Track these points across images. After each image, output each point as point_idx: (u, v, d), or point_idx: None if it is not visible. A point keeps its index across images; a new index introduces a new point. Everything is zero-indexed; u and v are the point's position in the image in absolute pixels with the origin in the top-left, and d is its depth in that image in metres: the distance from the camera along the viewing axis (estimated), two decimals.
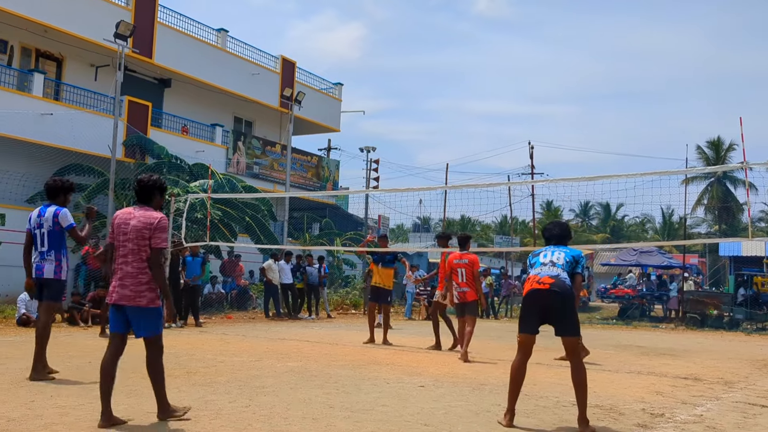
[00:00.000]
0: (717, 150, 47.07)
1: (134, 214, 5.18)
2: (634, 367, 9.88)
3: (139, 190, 5.30)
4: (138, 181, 5.34)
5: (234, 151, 26.12)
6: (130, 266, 5.08)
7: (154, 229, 5.09)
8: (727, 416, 6.23)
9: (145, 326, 5.12)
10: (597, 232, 60.45)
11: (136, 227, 5.10)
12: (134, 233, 5.09)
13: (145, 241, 5.08)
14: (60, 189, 7.32)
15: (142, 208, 5.23)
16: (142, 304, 5.05)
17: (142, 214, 5.16)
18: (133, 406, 5.63)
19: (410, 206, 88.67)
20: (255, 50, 28.02)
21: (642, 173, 10.74)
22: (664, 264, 27.99)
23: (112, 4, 21.78)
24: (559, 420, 5.74)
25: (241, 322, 16.95)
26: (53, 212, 7.14)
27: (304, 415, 5.48)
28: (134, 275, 5.07)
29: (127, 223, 5.15)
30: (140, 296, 5.05)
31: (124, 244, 5.13)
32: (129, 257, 5.09)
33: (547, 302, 5.45)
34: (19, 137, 18.51)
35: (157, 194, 5.34)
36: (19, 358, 8.37)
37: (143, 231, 5.08)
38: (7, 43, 20.62)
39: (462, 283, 10.27)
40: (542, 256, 5.74)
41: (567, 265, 5.61)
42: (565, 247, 5.87)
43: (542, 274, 5.56)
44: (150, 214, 5.17)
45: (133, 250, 5.09)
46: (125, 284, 5.07)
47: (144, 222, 5.10)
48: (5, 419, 4.99)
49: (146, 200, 5.29)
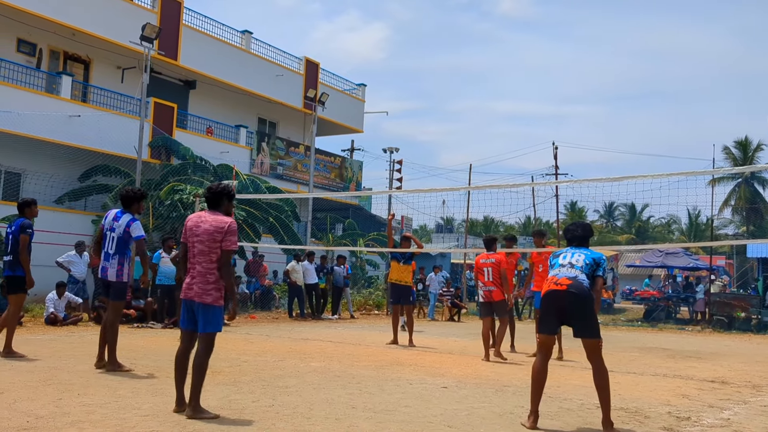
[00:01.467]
0: (745, 150, 46.38)
1: (206, 218, 5.54)
2: (660, 370, 9.78)
3: (209, 197, 5.68)
4: (208, 188, 5.74)
5: (258, 152, 26.28)
6: (200, 266, 5.44)
7: (225, 233, 5.44)
8: (754, 420, 6.15)
9: (205, 322, 5.39)
10: (622, 233, 59.90)
11: (207, 230, 5.46)
12: (205, 236, 5.45)
13: (215, 244, 5.43)
14: (133, 198, 7.94)
15: (213, 213, 5.60)
16: (207, 302, 5.37)
17: (214, 218, 5.53)
18: (158, 404, 5.69)
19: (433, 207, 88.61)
20: (279, 52, 28.17)
21: (668, 174, 10.61)
22: (691, 266, 27.64)
23: (139, 7, 22.04)
24: (583, 422, 5.70)
25: (264, 322, 17.04)
26: (127, 221, 7.76)
27: (326, 415, 5.50)
28: (203, 274, 5.42)
29: (198, 225, 5.51)
30: (206, 294, 5.38)
31: (195, 245, 5.49)
32: (199, 257, 5.46)
33: (564, 303, 5.49)
34: (48, 138, 18.80)
35: (226, 200, 5.71)
36: (47, 356, 8.49)
37: (214, 234, 5.44)
38: (36, 45, 20.95)
39: (488, 282, 10.19)
40: (562, 258, 5.76)
41: (587, 267, 5.61)
42: (586, 249, 5.86)
43: (560, 275, 5.59)
44: (221, 218, 5.53)
45: (203, 251, 5.45)
46: (195, 282, 5.43)
47: (215, 226, 5.46)
48: (34, 416, 5.07)
49: (216, 206, 5.67)
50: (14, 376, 6.91)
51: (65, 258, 14.68)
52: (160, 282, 14.29)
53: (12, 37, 20.29)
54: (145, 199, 8.25)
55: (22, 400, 5.65)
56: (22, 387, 6.27)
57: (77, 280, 14.68)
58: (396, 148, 34.82)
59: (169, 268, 14.41)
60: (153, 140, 21.20)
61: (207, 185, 19.47)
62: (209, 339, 5.40)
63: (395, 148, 34.84)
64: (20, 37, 20.48)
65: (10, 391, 6.06)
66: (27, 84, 19.36)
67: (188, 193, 18.53)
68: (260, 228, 21.04)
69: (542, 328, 5.66)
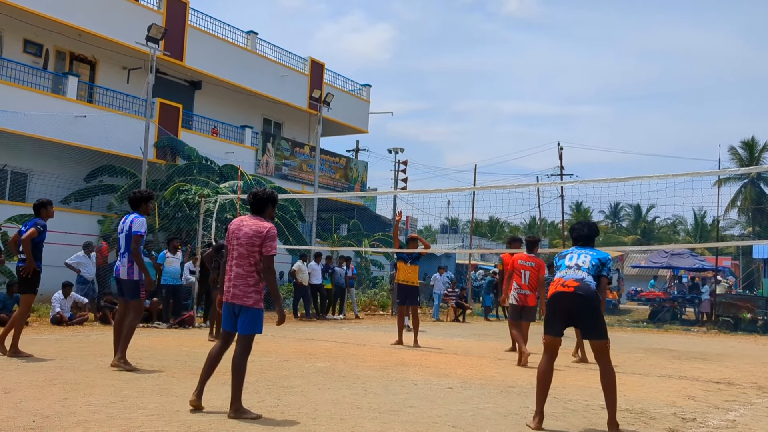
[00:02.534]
0: (751, 150, 46.21)
1: (247, 222, 5.61)
2: (666, 371, 9.75)
3: (253, 202, 5.70)
4: (253, 194, 5.74)
5: (263, 153, 26.31)
6: (240, 268, 5.52)
7: (264, 238, 5.49)
8: (761, 421, 6.12)
9: (245, 324, 5.49)
10: (627, 233, 59.81)
11: (247, 234, 5.52)
12: (245, 239, 5.51)
13: (254, 248, 5.49)
14: (140, 199, 8.11)
15: (254, 218, 5.64)
16: (248, 304, 5.46)
17: (254, 222, 5.58)
18: (163, 404, 5.70)
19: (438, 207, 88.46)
20: (284, 52, 28.21)
21: (674, 174, 10.58)
22: (696, 266, 27.57)
23: (144, 8, 22.09)
24: (588, 423, 5.69)
25: (269, 322, 17.05)
26: (132, 218, 7.95)
27: (331, 416, 5.50)
28: (243, 277, 5.50)
29: (240, 229, 5.58)
30: (247, 296, 5.47)
31: (236, 248, 5.56)
32: (239, 261, 5.53)
33: (571, 305, 5.48)
34: (54, 139, 18.85)
35: (269, 206, 5.73)
36: (53, 356, 8.52)
37: (253, 238, 5.49)
38: (42, 46, 21.02)
39: (524, 285, 9.94)
40: (568, 259, 5.72)
41: (593, 268, 5.60)
42: (592, 249, 5.83)
43: (567, 277, 5.57)
44: (261, 223, 5.57)
45: (243, 254, 5.51)
46: (236, 284, 5.51)
47: (255, 230, 5.51)
48: (40, 416, 5.08)
49: (259, 211, 5.70)
50: (20, 375, 6.93)
51: (74, 259, 14.71)
52: (165, 282, 14.32)
53: (18, 38, 20.36)
54: (153, 200, 8.42)
55: (28, 400, 5.67)
56: (28, 386, 6.29)
57: (86, 280, 14.73)
58: (401, 149, 34.85)
59: (174, 269, 14.44)
60: (158, 141, 21.25)
61: (212, 185, 19.59)
62: (248, 341, 5.49)
63: (400, 148, 34.86)
64: (26, 38, 20.55)
65: (16, 390, 6.07)
66: (33, 84, 19.43)
67: (193, 193, 18.57)
68: None
69: (548, 329, 5.64)
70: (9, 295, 13.57)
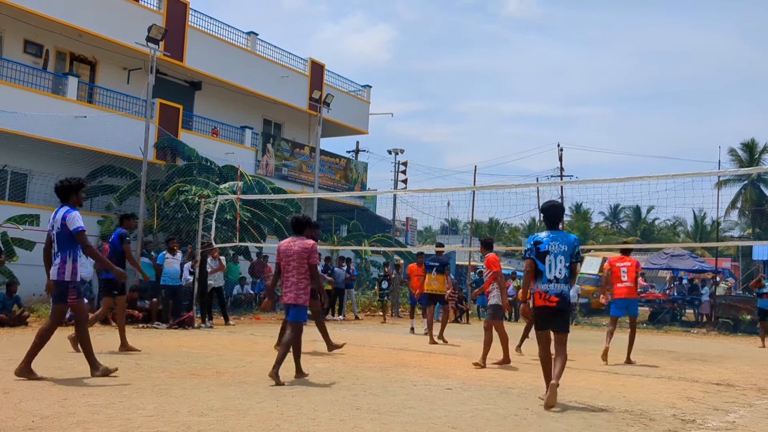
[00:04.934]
0: (751, 152, 46.18)
1: (295, 243, 7.54)
2: (665, 373, 9.76)
3: (295, 224, 7.69)
4: (294, 218, 7.75)
5: (263, 153, 26.30)
6: (293, 277, 7.45)
7: (310, 252, 7.47)
8: (760, 423, 6.12)
9: (295, 315, 7.49)
10: (627, 234, 59.72)
11: (297, 251, 7.47)
12: (296, 255, 7.46)
13: (303, 261, 7.43)
14: (69, 189, 7.26)
15: (299, 238, 7.58)
16: (300, 303, 7.45)
17: (301, 242, 7.53)
18: (162, 404, 5.70)
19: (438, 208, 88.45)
20: (284, 53, 28.20)
21: (674, 175, 10.59)
22: (696, 268, 27.54)
23: (145, 9, 22.09)
24: (588, 424, 5.68)
25: (270, 322, 17.06)
26: (63, 214, 7.06)
27: (331, 417, 5.50)
28: (296, 283, 7.44)
29: (290, 248, 7.51)
30: (299, 297, 7.44)
31: (288, 262, 7.48)
32: (293, 272, 7.46)
33: (553, 314, 6.74)
34: (54, 139, 18.84)
35: (307, 228, 7.73)
36: (51, 357, 8.52)
37: (302, 254, 7.45)
38: (43, 47, 21.01)
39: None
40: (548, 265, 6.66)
41: (567, 270, 6.71)
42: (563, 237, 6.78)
43: (550, 293, 6.67)
44: (305, 242, 7.54)
45: (295, 267, 7.45)
46: (291, 289, 7.44)
47: (302, 247, 7.49)
48: (39, 416, 5.08)
49: (300, 231, 7.65)
50: None
51: None
52: (164, 283, 14.31)
53: (19, 39, 20.35)
54: (84, 188, 7.48)
55: (27, 400, 5.67)
56: (28, 387, 6.29)
57: (84, 280, 14.69)
58: (401, 150, 34.90)
59: (174, 269, 14.42)
60: (158, 141, 21.24)
61: (212, 186, 19.58)
62: (297, 326, 7.47)
63: (400, 149, 34.92)
64: (27, 39, 20.54)
65: (15, 390, 6.07)
66: (33, 85, 19.42)
67: (193, 194, 18.55)
68: (265, 229, 21.05)
69: (540, 326, 6.83)
70: (8, 295, 13.57)
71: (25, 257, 15.61)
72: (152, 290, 15.07)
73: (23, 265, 15.57)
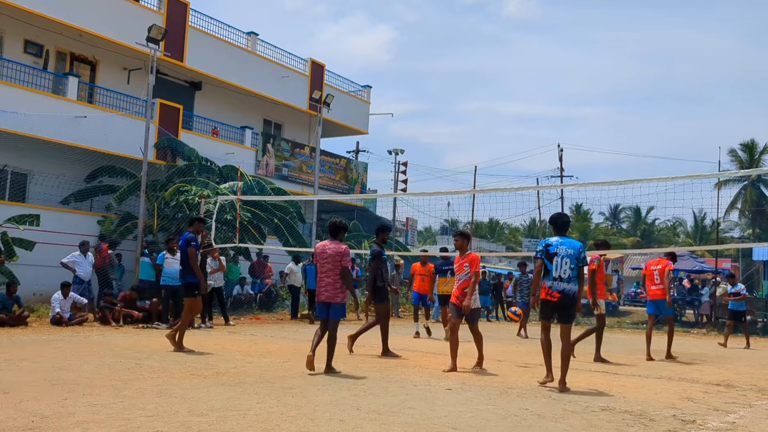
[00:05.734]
0: (751, 153, 46.16)
1: (329, 245, 8.20)
2: (665, 373, 9.75)
3: (332, 229, 8.38)
4: (330, 223, 8.46)
5: (263, 154, 26.30)
6: (328, 278, 8.11)
7: (343, 255, 8.12)
8: (760, 424, 6.12)
9: (333, 312, 8.14)
10: (627, 235, 59.72)
11: (331, 254, 8.11)
12: (330, 258, 8.09)
13: (337, 263, 8.06)
14: None
15: (333, 242, 8.24)
16: (336, 301, 8.10)
17: (335, 245, 8.20)
18: (162, 405, 5.70)
19: (438, 209, 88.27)
20: (284, 53, 28.20)
21: (674, 176, 10.60)
22: (696, 268, 27.55)
23: (145, 9, 22.08)
24: (588, 425, 5.68)
25: (269, 323, 17.06)
26: None
27: (331, 417, 5.49)
28: (332, 284, 8.08)
29: (325, 251, 8.15)
30: (336, 296, 8.09)
31: (324, 264, 8.13)
32: (328, 272, 8.10)
33: (555, 307, 7.59)
34: (54, 139, 18.83)
35: (342, 232, 8.41)
36: (52, 356, 8.52)
37: (336, 256, 8.09)
38: (43, 47, 21.01)
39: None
40: (555, 265, 7.44)
41: (573, 271, 7.47)
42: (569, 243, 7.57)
43: (554, 289, 7.50)
44: (339, 245, 8.21)
45: (330, 268, 8.10)
46: (327, 289, 8.09)
47: (336, 251, 8.13)
48: (39, 416, 5.08)
49: (335, 235, 8.33)
50: (19, 375, 6.94)
51: (70, 258, 14.69)
52: (164, 283, 14.30)
53: (19, 39, 20.34)
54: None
55: (27, 400, 5.67)
56: (27, 387, 6.29)
57: (82, 280, 14.68)
58: (401, 150, 34.87)
59: (174, 269, 14.39)
60: (158, 141, 21.22)
61: (212, 186, 19.57)
62: (336, 323, 8.14)
63: (400, 149, 34.89)
64: (27, 39, 20.53)
65: (15, 390, 6.07)
66: (33, 85, 19.41)
67: (193, 194, 18.54)
68: (265, 229, 21.05)
69: (542, 317, 7.74)
70: (8, 295, 13.57)
71: (25, 257, 15.61)
72: (152, 290, 15.06)
73: (23, 265, 15.57)
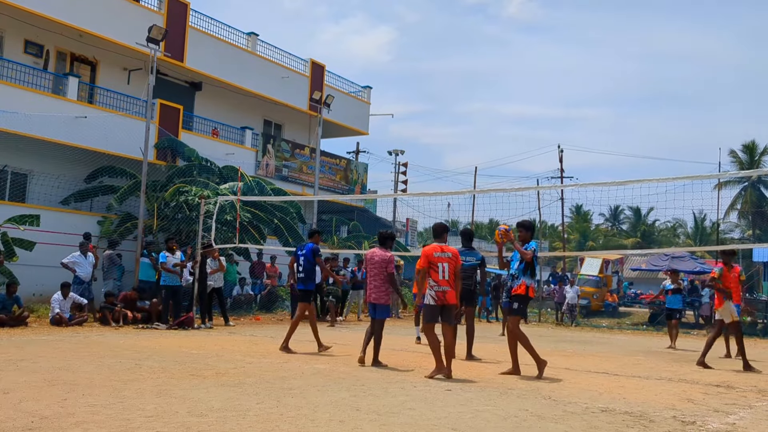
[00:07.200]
0: (751, 154, 46.20)
1: (377, 253, 9.09)
2: (665, 374, 9.75)
3: (380, 238, 9.30)
4: (380, 233, 9.44)
5: (263, 154, 26.29)
6: (375, 282, 9.04)
7: (388, 262, 9.02)
8: (760, 425, 6.12)
9: (379, 312, 9.14)
10: (627, 236, 59.77)
11: (378, 261, 9.03)
12: (378, 264, 9.03)
13: (383, 269, 9.00)
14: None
15: (381, 249, 9.14)
16: (381, 302, 9.09)
17: (381, 252, 9.09)
18: (162, 405, 5.69)
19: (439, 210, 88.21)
20: (285, 54, 28.19)
21: (674, 177, 10.60)
22: (696, 269, 27.54)
23: (145, 9, 22.08)
24: (588, 426, 5.68)
25: (269, 323, 17.05)
26: None
27: (331, 417, 5.49)
28: (378, 287, 9.04)
29: (373, 258, 9.07)
30: (381, 297, 9.06)
31: (372, 269, 9.06)
32: (375, 277, 9.05)
33: None
34: (54, 140, 18.83)
35: (390, 241, 9.32)
36: (51, 357, 8.52)
37: (382, 263, 9.01)
38: (43, 47, 21.01)
39: (442, 281, 8.38)
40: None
41: None
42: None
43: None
44: (385, 253, 9.10)
45: (377, 273, 9.03)
46: (374, 291, 9.06)
47: (382, 258, 9.05)
48: (38, 416, 5.08)
49: (383, 244, 9.23)
50: (19, 376, 6.93)
51: (70, 259, 14.69)
52: (164, 283, 14.30)
53: (19, 39, 20.34)
54: None
55: (26, 400, 5.66)
56: (27, 387, 6.28)
57: (82, 280, 14.67)
58: (401, 151, 34.89)
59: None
60: (159, 142, 21.22)
61: (213, 187, 19.57)
62: (381, 322, 9.15)
63: (400, 150, 34.92)
64: (27, 39, 20.53)
65: (15, 391, 6.07)
66: (34, 85, 19.41)
67: (193, 194, 18.54)
68: (265, 230, 21.05)
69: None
70: (8, 296, 13.57)
71: (25, 257, 15.61)
72: (152, 290, 15.07)
73: (23, 265, 15.56)
